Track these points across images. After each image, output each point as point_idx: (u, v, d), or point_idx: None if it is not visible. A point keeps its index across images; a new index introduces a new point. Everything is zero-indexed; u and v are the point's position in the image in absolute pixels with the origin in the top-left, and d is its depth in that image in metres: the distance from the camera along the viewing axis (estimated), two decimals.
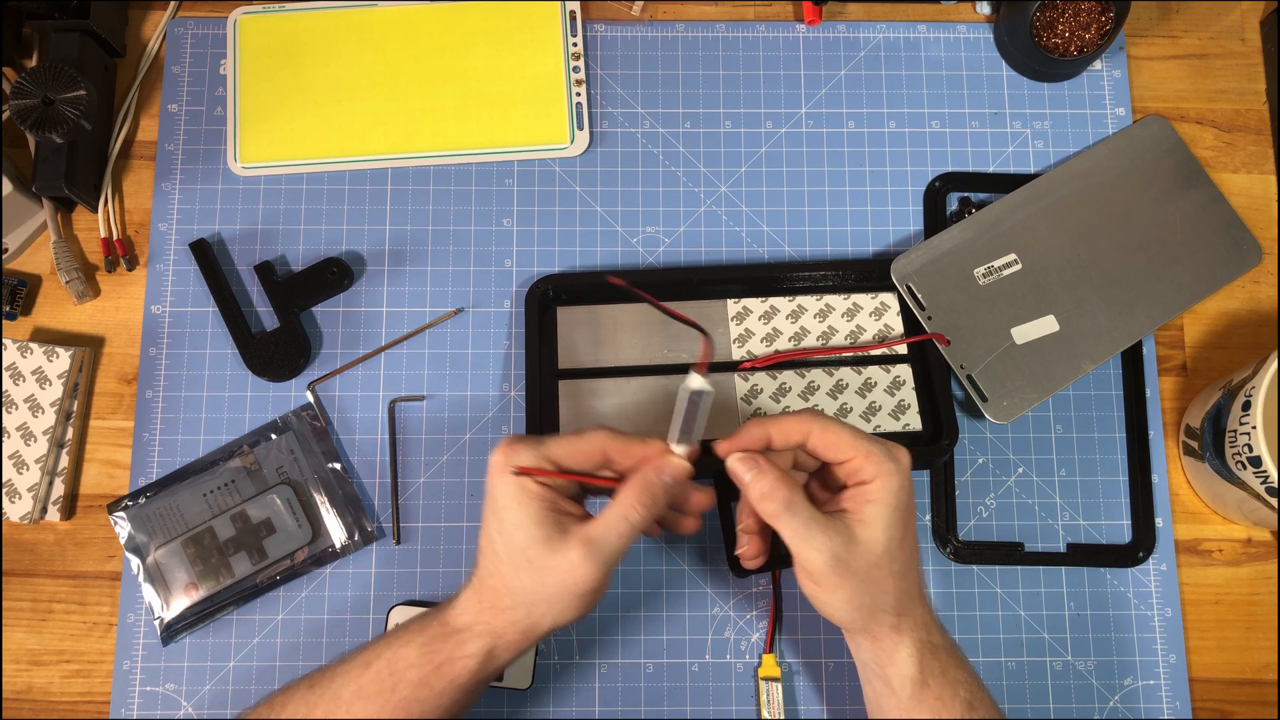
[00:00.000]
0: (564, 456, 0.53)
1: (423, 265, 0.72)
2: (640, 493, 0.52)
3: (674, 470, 0.53)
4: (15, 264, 0.72)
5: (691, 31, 0.77)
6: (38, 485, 0.67)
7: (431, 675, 0.53)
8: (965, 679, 0.55)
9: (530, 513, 0.51)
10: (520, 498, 0.51)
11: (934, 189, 0.74)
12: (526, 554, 0.51)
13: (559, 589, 0.51)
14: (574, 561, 0.51)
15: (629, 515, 0.51)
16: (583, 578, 0.51)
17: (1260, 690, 0.67)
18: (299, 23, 0.76)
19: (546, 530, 0.51)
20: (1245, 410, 0.62)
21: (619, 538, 0.51)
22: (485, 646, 0.53)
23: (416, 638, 0.54)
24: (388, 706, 0.53)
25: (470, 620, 0.53)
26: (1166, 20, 0.78)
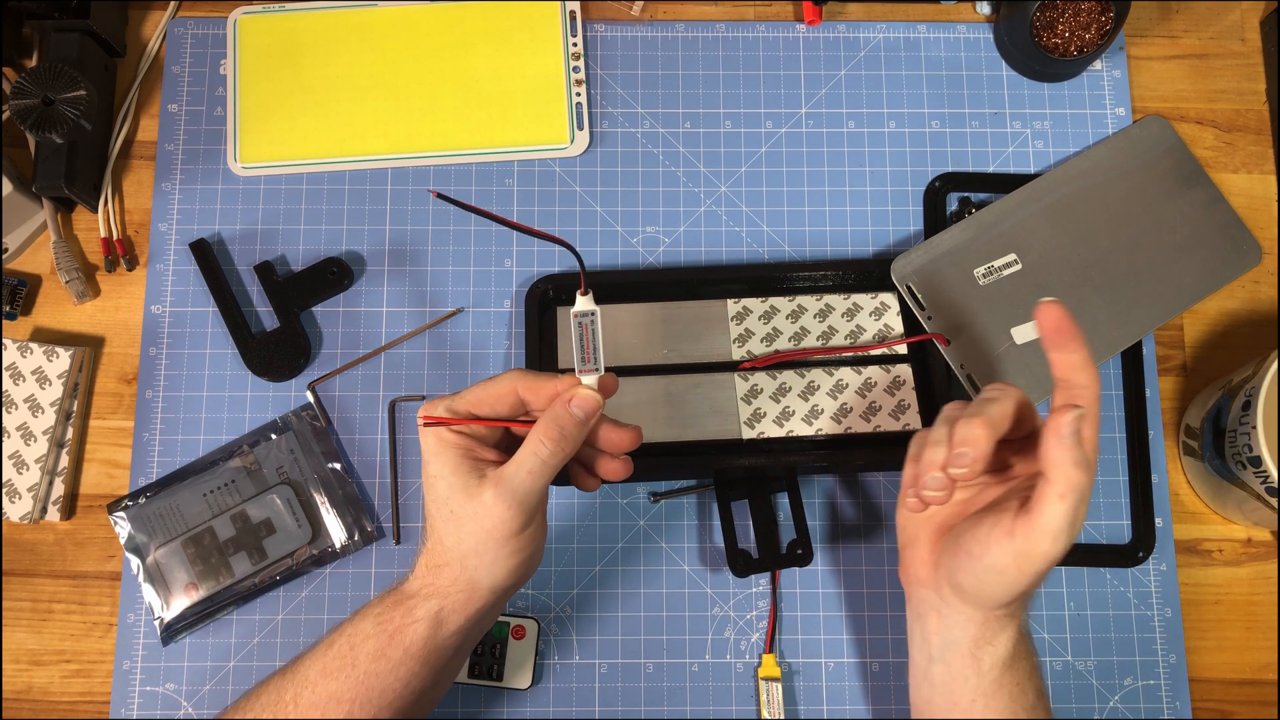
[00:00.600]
0: (476, 403, 0.52)
1: (423, 265, 0.72)
2: (548, 427, 0.50)
3: (582, 402, 0.51)
4: (15, 264, 0.72)
5: (691, 31, 0.77)
6: (38, 485, 0.67)
7: (386, 645, 0.52)
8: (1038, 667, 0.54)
9: (447, 462, 0.51)
10: (436, 448, 0.51)
11: (934, 189, 0.74)
12: (449, 504, 0.51)
13: (482, 536, 0.51)
14: (488, 504, 0.50)
15: (537, 451, 0.50)
16: (500, 519, 0.50)
17: (1260, 690, 0.67)
18: (299, 23, 0.76)
19: (463, 478, 0.50)
20: (1245, 410, 0.62)
21: (530, 474, 0.50)
22: (433, 609, 0.52)
23: (373, 609, 0.54)
24: (349, 681, 0.52)
25: (419, 585, 0.53)
26: (1166, 20, 0.78)
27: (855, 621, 0.67)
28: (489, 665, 0.65)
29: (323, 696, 0.52)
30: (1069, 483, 0.47)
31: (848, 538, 0.68)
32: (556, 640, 0.67)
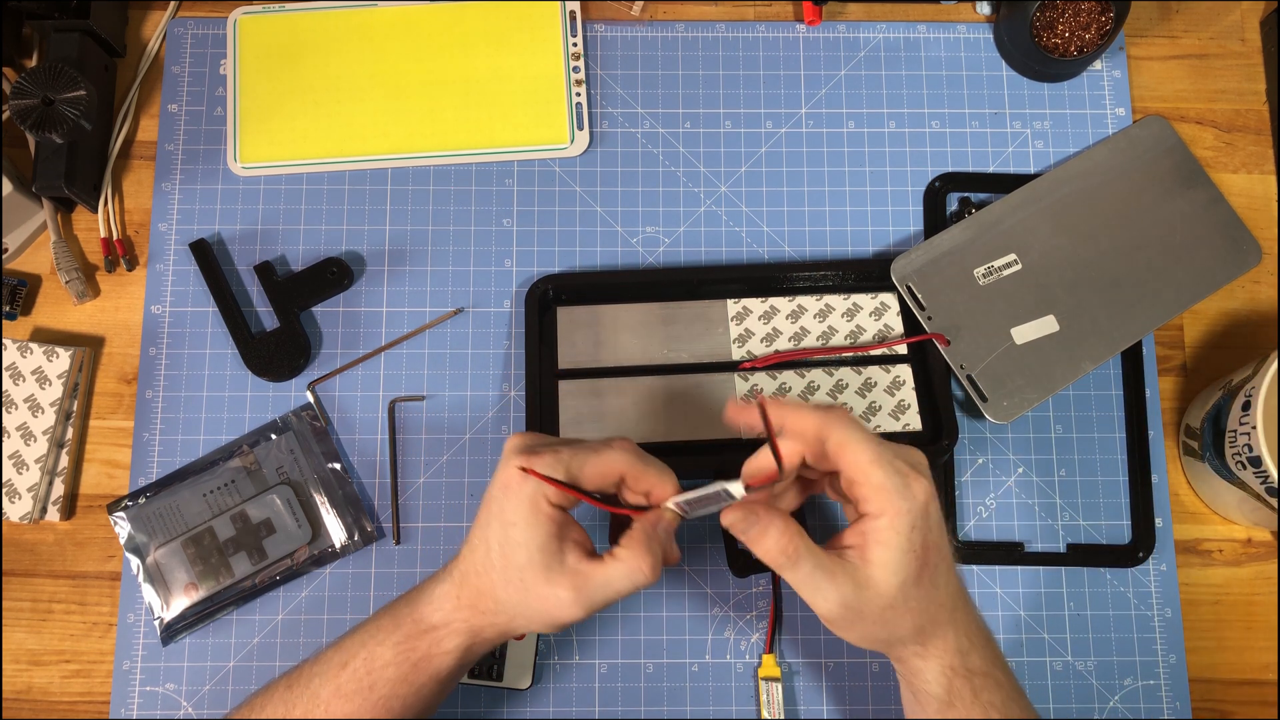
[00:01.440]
0: (581, 471, 0.51)
1: (423, 265, 0.72)
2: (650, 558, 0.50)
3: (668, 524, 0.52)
4: (15, 264, 0.72)
5: (691, 31, 0.77)
6: (38, 485, 0.67)
7: (410, 672, 0.53)
8: (999, 702, 0.52)
9: (538, 535, 0.50)
10: (533, 517, 0.50)
11: (934, 189, 0.74)
12: (522, 574, 0.51)
13: (541, 614, 0.51)
14: (562, 600, 0.50)
15: (635, 578, 0.50)
16: (567, 616, 0.50)
17: (1260, 690, 0.67)
18: (299, 23, 0.76)
19: (548, 558, 0.50)
20: (1245, 410, 0.62)
21: (616, 594, 0.50)
22: (464, 643, 0.53)
23: (391, 635, 0.53)
24: (366, 705, 0.52)
25: (447, 616, 0.53)
26: (1166, 20, 0.78)
27: None
28: (489, 665, 0.65)
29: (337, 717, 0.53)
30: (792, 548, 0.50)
31: None
32: (556, 640, 0.67)
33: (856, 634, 0.52)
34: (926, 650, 0.52)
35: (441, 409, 0.70)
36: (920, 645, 0.52)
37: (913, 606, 0.50)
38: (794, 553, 0.49)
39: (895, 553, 0.49)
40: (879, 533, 0.49)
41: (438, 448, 0.69)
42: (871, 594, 0.49)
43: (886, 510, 0.49)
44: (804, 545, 0.49)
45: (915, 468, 0.51)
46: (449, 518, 0.68)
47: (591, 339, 0.69)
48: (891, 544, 0.49)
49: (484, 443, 0.69)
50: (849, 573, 0.49)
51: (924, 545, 0.50)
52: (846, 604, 0.50)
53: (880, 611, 0.50)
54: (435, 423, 0.70)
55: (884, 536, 0.49)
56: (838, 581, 0.49)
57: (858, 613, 0.50)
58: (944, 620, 0.52)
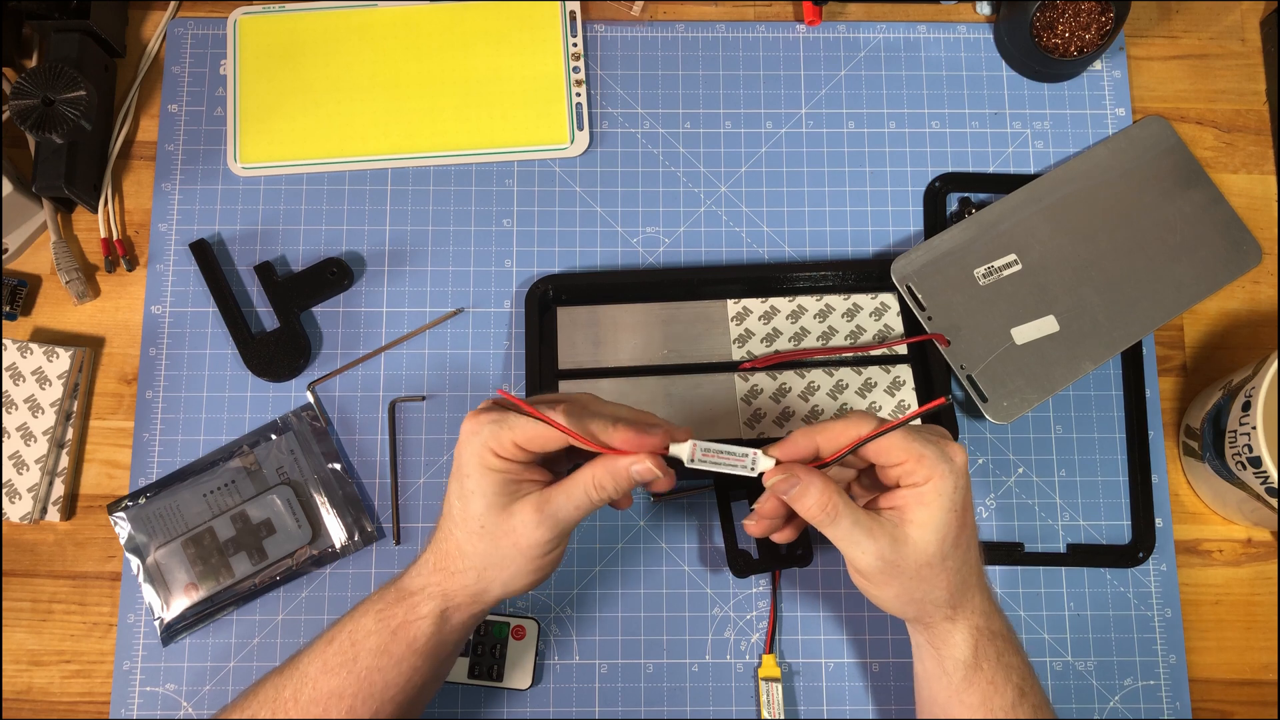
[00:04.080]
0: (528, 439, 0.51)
1: (423, 265, 0.72)
2: (604, 476, 0.50)
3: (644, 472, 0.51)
4: (15, 264, 0.72)
5: (691, 31, 0.77)
6: (38, 485, 0.67)
7: (389, 641, 0.53)
8: (1019, 665, 0.55)
9: (491, 481, 0.51)
10: (479, 471, 0.51)
11: (934, 189, 0.74)
12: (481, 520, 0.51)
13: (511, 551, 0.51)
14: (527, 523, 0.51)
15: (589, 493, 0.51)
16: (536, 540, 0.51)
17: (1260, 690, 0.67)
18: (299, 23, 0.76)
19: (505, 499, 0.51)
20: (1245, 410, 0.62)
21: (576, 509, 0.51)
22: (438, 608, 0.53)
23: (374, 605, 0.54)
24: (351, 678, 0.53)
25: (424, 582, 0.53)
26: (1166, 20, 0.78)
27: (855, 621, 0.67)
28: (489, 665, 0.65)
29: (323, 693, 0.53)
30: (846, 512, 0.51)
31: None
32: (556, 640, 0.67)
33: (892, 592, 0.53)
34: (956, 613, 0.54)
35: (441, 409, 0.70)
36: (951, 609, 0.53)
37: (950, 567, 0.52)
38: (834, 509, 0.51)
39: (938, 512, 0.51)
40: (922, 495, 0.51)
41: (438, 448, 0.69)
42: (910, 550, 0.51)
43: (932, 475, 0.51)
44: (843, 502, 0.51)
45: (948, 437, 0.53)
46: None
47: (591, 339, 0.69)
48: (934, 504, 0.51)
49: None
50: (888, 530, 0.51)
51: (964, 506, 0.52)
52: (885, 558, 0.51)
53: (918, 569, 0.51)
54: (435, 423, 0.70)
55: (927, 497, 0.51)
56: (876, 537, 0.51)
57: (895, 568, 0.51)
58: (975, 584, 0.54)
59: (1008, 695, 0.54)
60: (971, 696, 0.54)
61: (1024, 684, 0.54)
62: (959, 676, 0.54)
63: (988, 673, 0.54)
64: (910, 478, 0.51)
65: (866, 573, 0.52)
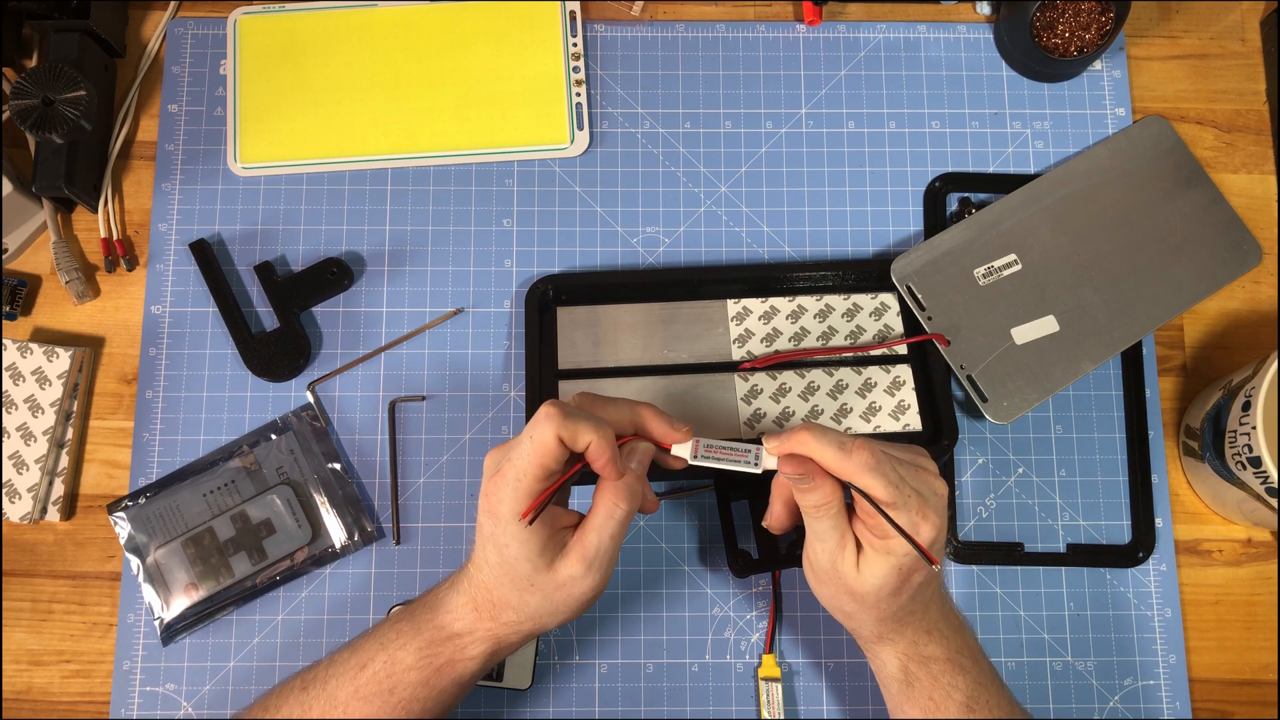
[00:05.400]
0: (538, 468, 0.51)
1: (423, 265, 0.72)
2: (618, 488, 0.52)
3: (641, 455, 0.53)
4: (15, 264, 0.72)
5: (691, 31, 0.77)
6: (38, 485, 0.67)
7: (432, 676, 0.54)
8: (965, 685, 0.55)
9: (535, 546, 0.52)
10: (521, 534, 0.51)
11: (934, 189, 0.74)
12: (532, 581, 0.52)
13: (565, 600, 0.53)
14: (575, 576, 0.52)
15: (613, 513, 0.52)
16: (586, 588, 0.52)
17: (1260, 690, 0.67)
18: (299, 23, 0.76)
19: (549, 557, 0.52)
20: (1245, 410, 0.62)
21: (610, 539, 0.52)
22: (488, 650, 0.54)
23: (412, 641, 0.54)
24: (386, 707, 0.53)
25: (468, 625, 0.54)
26: (1166, 20, 0.78)
27: None
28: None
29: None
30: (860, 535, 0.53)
31: None
32: (556, 640, 0.67)
33: (826, 591, 0.56)
34: (881, 642, 0.56)
35: (441, 409, 0.70)
36: (876, 639, 0.56)
37: (882, 609, 0.54)
38: (828, 508, 0.53)
39: (882, 568, 0.53)
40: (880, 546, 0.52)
41: (438, 448, 0.69)
42: (853, 580, 0.53)
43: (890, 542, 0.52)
44: (839, 506, 0.53)
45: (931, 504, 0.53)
46: (449, 518, 0.68)
47: (591, 339, 0.69)
48: (883, 562, 0.53)
49: (484, 443, 0.69)
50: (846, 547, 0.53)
51: (911, 569, 0.53)
52: (833, 566, 0.54)
53: (850, 591, 0.54)
54: (435, 423, 0.70)
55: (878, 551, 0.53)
56: (830, 546, 0.53)
57: (835, 578, 0.54)
58: (905, 623, 0.55)
59: (950, 710, 0.55)
60: (912, 709, 0.56)
61: (972, 700, 0.55)
62: (894, 689, 0.57)
63: (923, 690, 0.55)
64: (876, 530, 0.53)
65: (814, 567, 0.55)
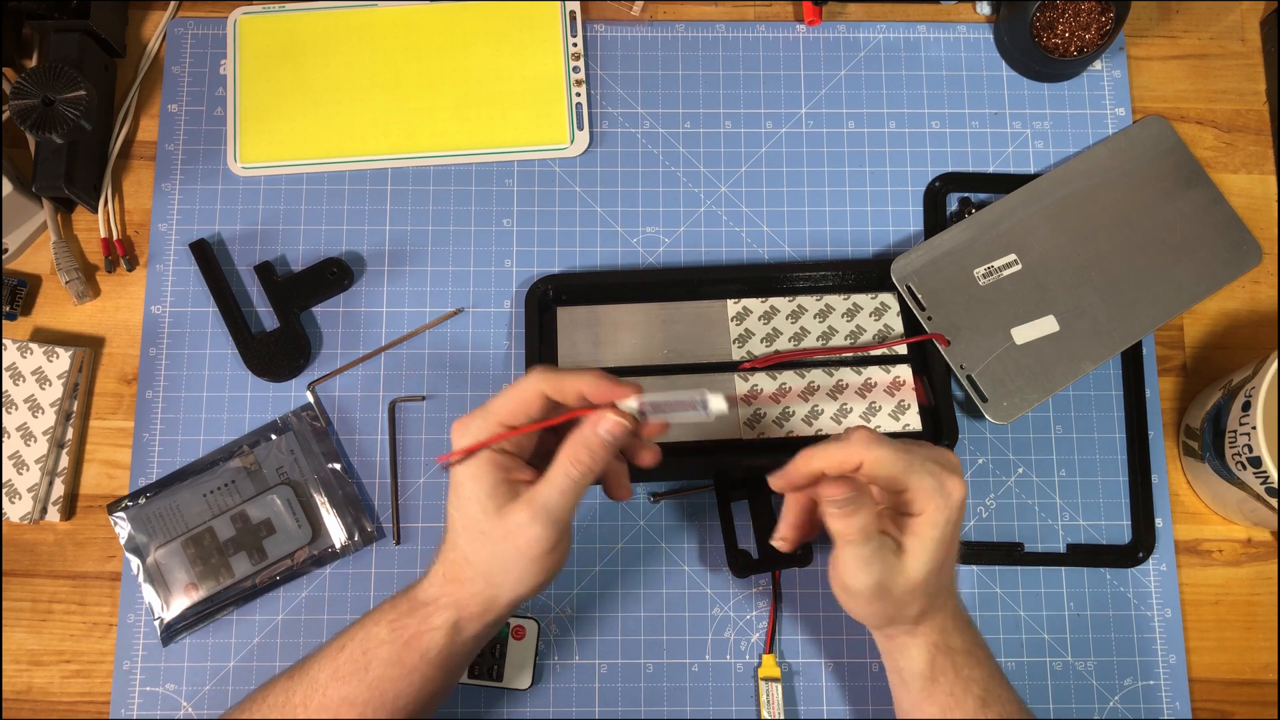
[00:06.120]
0: (507, 415, 0.52)
1: (423, 265, 0.72)
2: (578, 449, 0.51)
3: (611, 427, 0.52)
4: (15, 264, 0.72)
5: (691, 31, 0.77)
6: (38, 485, 0.67)
7: (402, 651, 0.53)
8: (981, 677, 0.55)
9: (484, 485, 0.51)
10: (474, 471, 0.52)
11: (934, 189, 0.74)
12: (480, 526, 0.52)
13: (512, 553, 0.52)
14: (521, 523, 0.51)
15: (568, 472, 0.51)
16: (533, 538, 0.51)
17: (1260, 690, 0.67)
18: (299, 23, 0.76)
19: (498, 500, 0.51)
20: (1245, 410, 0.62)
21: (561, 494, 0.51)
22: (450, 618, 0.53)
23: (387, 615, 0.54)
24: (362, 686, 0.53)
25: (436, 593, 0.54)
26: (1166, 20, 0.78)
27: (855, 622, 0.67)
28: (489, 665, 0.65)
29: (334, 700, 0.53)
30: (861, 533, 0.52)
31: None
32: (556, 640, 0.67)
33: (870, 610, 0.54)
34: (917, 629, 0.55)
35: (441, 409, 0.70)
36: (915, 623, 0.55)
37: (929, 591, 0.53)
38: (870, 534, 0.52)
39: (930, 544, 0.52)
40: (917, 525, 0.52)
41: (437, 448, 0.69)
42: (901, 579, 0.53)
43: (927, 508, 0.52)
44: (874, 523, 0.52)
45: (950, 468, 0.53)
46: None
47: (591, 339, 0.69)
48: (928, 537, 0.52)
49: None
50: (888, 555, 0.53)
51: (952, 540, 0.53)
52: (880, 583, 0.52)
53: (903, 594, 0.53)
54: (435, 423, 0.70)
55: (922, 529, 0.52)
56: (880, 562, 0.52)
57: (885, 592, 0.53)
58: (942, 600, 0.55)
59: (968, 706, 0.55)
60: (931, 708, 0.55)
61: (986, 695, 0.55)
62: (916, 687, 0.56)
63: (945, 685, 0.55)
64: (907, 506, 0.53)
65: (856, 593, 0.53)
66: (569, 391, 0.52)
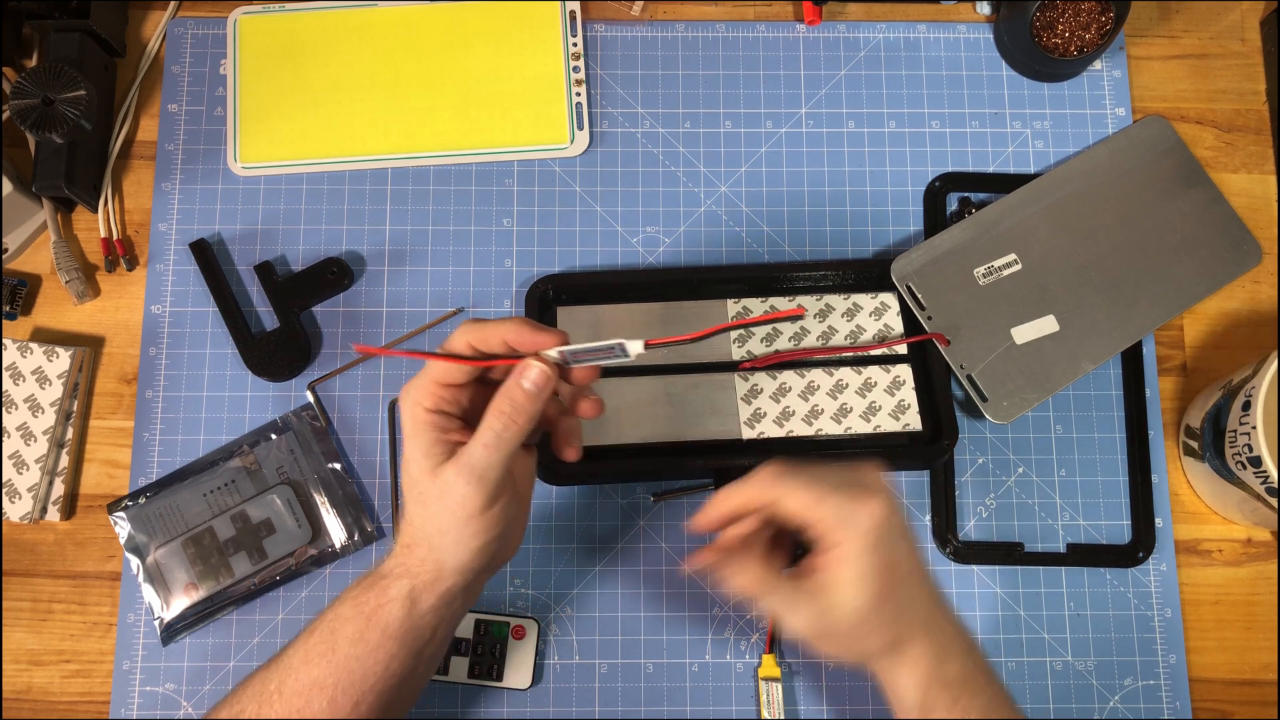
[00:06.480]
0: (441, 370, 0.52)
1: (423, 265, 0.72)
2: (501, 401, 0.50)
3: (534, 376, 0.51)
4: (15, 264, 0.72)
5: (691, 31, 0.77)
6: (38, 485, 0.67)
7: (364, 627, 0.52)
8: (980, 707, 0.53)
9: (420, 445, 0.51)
10: (412, 429, 0.51)
11: (934, 189, 0.74)
12: (419, 487, 0.51)
13: (446, 514, 0.51)
14: (449, 481, 0.50)
15: (492, 425, 0.50)
16: (461, 497, 0.50)
17: (1260, 690, 0.67)
18: (299, 23, 0.76)
19: (433, 460, 0.51)
20: (1245, 410, 0.62)
21: (485, 448, 0.50)
22: (405, 588, 0.52)
23: (351, 591, 0.54)
24: (330, 666, 0.52)
25: (392, 565, 0.53)
26: (1166, 20, 0.78)
27: None
28: (489, 665, 0.65)
29: (305, 683, 0.52)
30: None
31: None
32: (556, 640, 0.67)
33: (832, 650, 0.54)
34: (900, 661, 0.53)
35: None
36: (894, 658, 0.53)
37: (884, 621, 0.52)
38: (764, 587, 0.52)
39: (855, 575, 0.50)
40: (838, 560, 0.51)
41: None
42: (838, 615, 0.51)
43: (841, 539, 0.51)
44: (772, 578, 0.53)
45: (866, 488, 0.52)
46: None
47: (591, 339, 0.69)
48: (851, 568, 0.50)
49: None
50: (814, 598, 0.52)
51: (887, 563, 0.51)
52: (816, 625, 0.52)
53: (849, 630, 0.52)
54: None
55: (842, 562, 0.51)
56: (803, 607, 0.52)
57: (829, 632, 0.52)
58: (917, 632, 0.53)
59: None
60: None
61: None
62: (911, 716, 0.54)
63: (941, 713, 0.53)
64: (824, 540, 0.51)
65: (798, 635, 0.53)
66: (493, 340, 0.51)
